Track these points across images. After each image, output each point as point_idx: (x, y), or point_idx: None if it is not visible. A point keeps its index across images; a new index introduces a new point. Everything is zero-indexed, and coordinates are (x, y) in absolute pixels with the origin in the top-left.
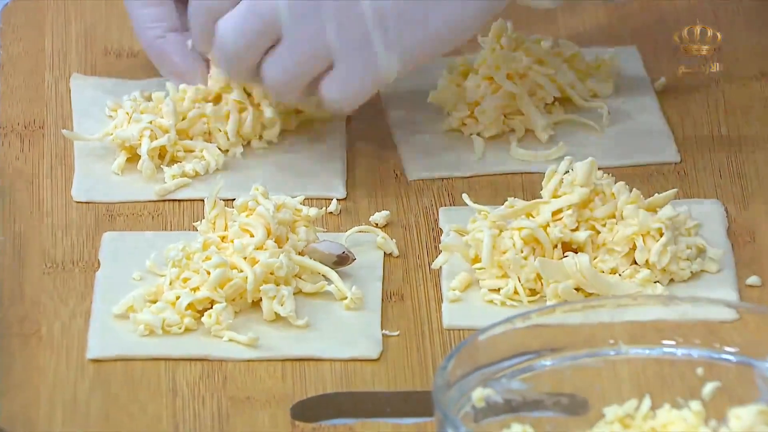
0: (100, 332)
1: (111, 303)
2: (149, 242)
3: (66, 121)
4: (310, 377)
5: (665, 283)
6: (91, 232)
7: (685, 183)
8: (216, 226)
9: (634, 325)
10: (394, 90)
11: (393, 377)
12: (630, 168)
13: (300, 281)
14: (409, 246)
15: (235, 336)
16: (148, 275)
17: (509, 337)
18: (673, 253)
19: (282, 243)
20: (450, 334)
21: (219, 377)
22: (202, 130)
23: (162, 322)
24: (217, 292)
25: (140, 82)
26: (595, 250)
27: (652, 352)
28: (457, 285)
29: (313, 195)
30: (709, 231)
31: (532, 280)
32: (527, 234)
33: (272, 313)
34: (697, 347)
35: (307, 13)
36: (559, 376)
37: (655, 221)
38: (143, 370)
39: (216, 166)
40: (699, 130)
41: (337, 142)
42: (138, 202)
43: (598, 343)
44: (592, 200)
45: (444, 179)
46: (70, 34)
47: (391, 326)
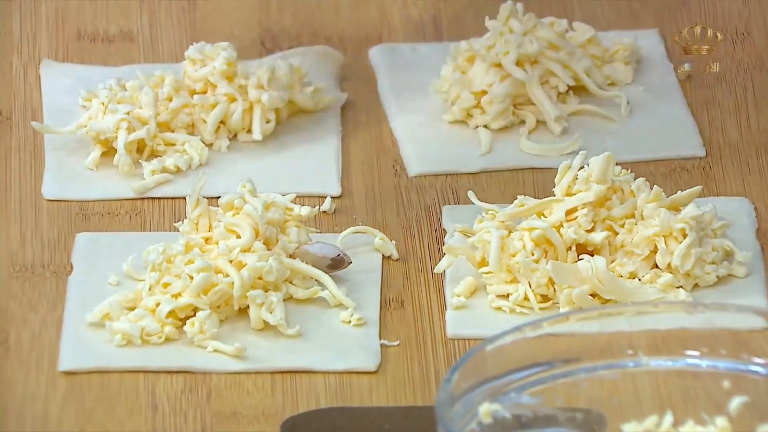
0: (73, 342)
1: (85, 310)
2: (126, 244)
3: (35, 113)
4: (302, 391)
5: (689, 289)
6: (64, 233)
7: (711, 179)
8: (199, 226)
9: (655, 335)
10: (394, 78)
11: (392, 391)
12: (651, 163)
13: (291, 286)
14: (410, 248)
15: (220, 346)
16: (125, 280)
17: (519, 347)
18: (698, 256)
19: (271, 245)
20: (454, 344)
21: (203, 391)
22: (185, 122)
23: (140, 331)
24: (201, 298)
25: (117, 69)
26: (612, 253)
27: (675, 364)
28: (462, 291)
29: (305, 192)
30: (737, 232)
31: (543, 286)
32: (539, 235)
33: (261, 321)
34: (724, 358)
35: None
36: (573, 389)
37: (678, 221)
38: (120, 383)
39: (199, 161)
40: (726, 121)
41: (332, 135)
42: (114, 200)
43: (615, 353)
44: (610, 198)
45: (448, 175)
46: (39, 15)
47: (390, 336)
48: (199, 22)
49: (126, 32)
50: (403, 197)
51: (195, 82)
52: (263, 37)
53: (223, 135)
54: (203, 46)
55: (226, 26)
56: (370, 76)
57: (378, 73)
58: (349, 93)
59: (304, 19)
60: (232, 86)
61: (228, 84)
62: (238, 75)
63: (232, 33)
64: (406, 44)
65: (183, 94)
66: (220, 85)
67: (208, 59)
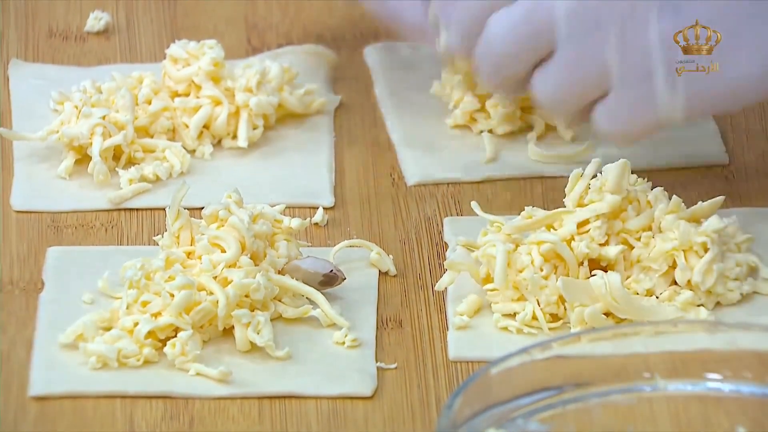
0: (45, 365)
1: (57, 330)
2: (102, 259)
3: (3, 117)
4: (292, 418)
5: (710, 307)
6: (34, 247)
7: (735, 189)
8: (180, 239)
9: (674, 357)
10: (391, 80)
11: (389, 418)
12: (669, 171)
13: (280, 305)
14: (409, 263)
15: (203, 369)
16: (100, 298)
17: (526, 370)
18: (720, 272)
19: (259, 260)
20: (457, 367)
21: (184, 418)
22: (165, 127)
23: (117, 353)
24: (183, 317)
25: (91, 70)
26: (627, 268)
27: (695, 388)
28: (465, 309)
29: (295, 203)
30: (763, 246)
31: (553, 304)
32: (548, 249)
33: (247, 342)
34: (748, 382)
35: (587, 28)
36: (585, 416)
37: (699, 234)
38: (95, 409)
39: (181, 169)
40: (750, 125)
41: (324, 140)
42: (89, 211)
43: (631, 377)
44: (625, 209)
45: (449, 184)
46: (7, 10)
47: (387, 358)
48: (180, 18)
49: (101, 29)
50: (401, 208)
51: (177, 83)
52: (249, 34)
53: (206, 141)
54: (187, 44)
55: (209, 23)
56: (366, 78)
57: (374, 74)
58: (343, 95)
59: (294, 16)
60: (218, 88)
61: (214, 86)
62: (224, 77)
63: (216, 30)
64: (404, 43)
65: (163, 96)
66: (205, 86)
67: (192, 58)
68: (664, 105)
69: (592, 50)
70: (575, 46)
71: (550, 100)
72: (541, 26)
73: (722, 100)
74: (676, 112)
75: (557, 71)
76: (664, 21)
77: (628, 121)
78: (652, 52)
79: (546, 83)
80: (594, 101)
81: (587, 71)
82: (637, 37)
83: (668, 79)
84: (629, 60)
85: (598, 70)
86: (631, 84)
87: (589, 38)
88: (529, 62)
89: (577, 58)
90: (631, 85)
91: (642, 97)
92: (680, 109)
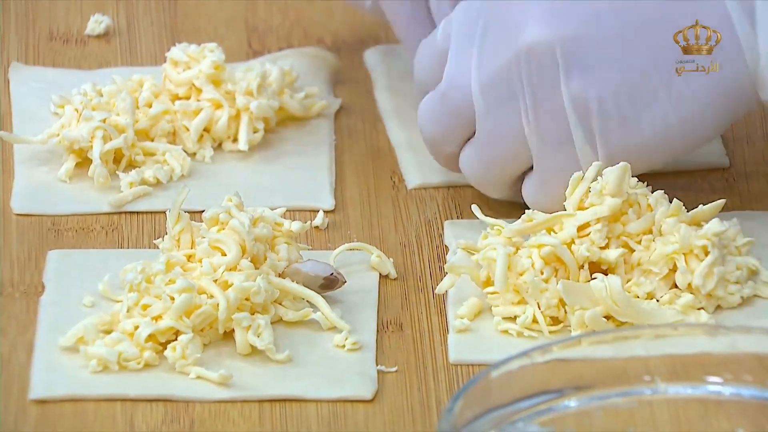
0: (45, 368)
1: (57, 333)
2: (102, 262)
3: (3, 120)
4: (292, 421)
5: (711, 311)
6: (34, 250)
7: (735, 192)
8: (181, 243)
9: (674, 360)
10: (392, 83)
11: (390, 421)
12: (670, 174)
13: (280, 308)
14: (409, 266)
15: (203, 373)
16: (101, 301)
17: (527, 373)
18: (721, 275)
19: (259, 263)
20: (457, 370)
21: (185, 421)
22: (166, 130)
23: (118, 356)
24: (183, 321)
25: (92, 73)
26: (628, 272)
27: (695, 391)
28: (465, 312)
29: (295, 206)
30: (763, 249)
31: (553, 307)
32: (548, 252)
33: (247, 345)
34: (749, 385)
35: (501, 103)
36: (585, 419)
37: (700, 237)
38: (96, 412)
39: (181, 172)
40: (751, 129)
41: (324, 143)
42: (89, 214)
43: (631, 380)
44: (625, 212)
45: (450, 187)
46: (7, 13)
47: (387, 361)
48: (181, 21)
49: (101, 33)
50: (402, 211)
51: (178, 86)
52: (250, 37)
53: (206, 144)
54: (187, 47)
55: (210, 26)
56: (366, 80)
57: (374, 76)
58: (343, 98)
59: (295, 18)
60: (219, 92)
61: (214, 89)
62: (225, 80)
63: (216, 33)
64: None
65: (163, 99)
66: (206, 90)
67: (192, 61)
68: (587, 168)
69: (508, 123)
70: (492, 121)
71: (477, 178)
72: (459, 106)
73: (642, 156)
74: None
75: (478, 148)
76: (573, 82)
77: (555, 189)
78: (565, 116)
79: (470, 161)
80: (521, 175)
81: (506, 145)
82: (550, 104)
83: (587, 139)
84: (545, 128)
85: (516, 143)
86: (550, 152)
87: (503, 111)
88: (457, 142)
89: (495, 133)
90: (550, 152)
91: (564, 162)
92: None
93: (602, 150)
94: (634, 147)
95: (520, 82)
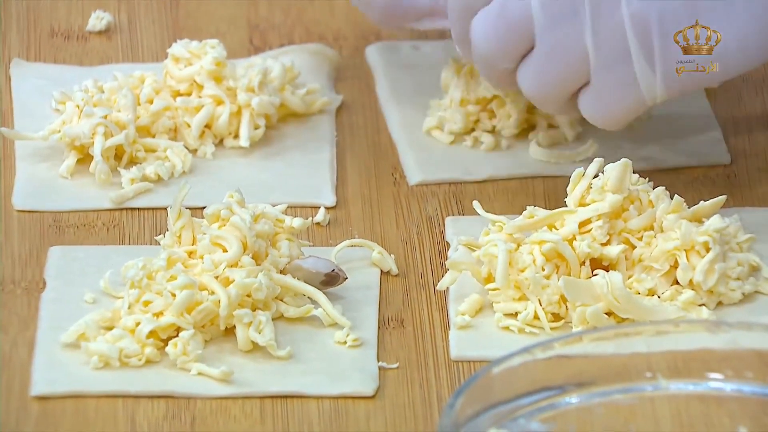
0: (47, 364)
1: (59, 330)
2: (104, 258)
3: (5, 117)
4: (294, 417)
5: (712, 307)
6: (36, 247)
7: (737, 188)
8: (182, 239)
9: (676, 356)
10: (393, 79)
11: (391, 417)
12: (671, 171)
13: (282, 305)
14: (411, 263)
15: (204, 369)
16: (102, 297)
17: (528, 369)
18: (722, 272)
19: (260, 259)
20: (458, 367)
21: (186, 417)
22: (167, 126)
23: (119, 352)
24: (184, 317)
25: (93, 69)
26: (629, 268)
27: (697, 388)
28: (466, 309)
29: (297, 203)
30: (765, 245)
31: (555, 303)
32: (550, 249)
33: (249, 342)
34: (750, 381)
35: (561, 16)
36: (586, 415)
37: (701, 234)
38: (97, 408)
39: (182, 169)
40: (753, 125)
41: (326, 140)
42: (90, 210)
43: (632, 377)
44: (627, 209)
45: (451, 183)
46: (9, 11)
47: (389, 357)
48: (182, 18)
49: (103, 29)
50: (403, 207)
51: (179, 82)
52: (251, 34)
53: (208, 140)
54: (189, 43)
55: (212, 23)
56: (368, 77)
57: (376, 73)
58: (345, 95)
59: (296, 15)
60: (220, 88)
61: (216, 85)
62: (226, 76)
63: (218, 30)
64: (406, 42)
65: (165, 95)
66: (207, 86)
67: (194, 58)
68: (644, 83)
69: (568, 38)
70: (552, 36)
71: (535, 93)
72: (518, 20)
73: (697, 74)
74: (657, 89)
75: (538, 63)
76: (634, 0)
77: (612, 104)
78: (625, 32)
79: (529, 77)
80: (579, 90)
81: (567, 60)
82: (610, 20)
83: (645, 56)
84: (604, 43)
85: (577, 58)
86: (609, 67)
87: (564, 26)
88: (515, 58)
89: (556, 48)
90: (609, 68)
91: (622, 78)
92: (661, 86)
93: (660, 67)
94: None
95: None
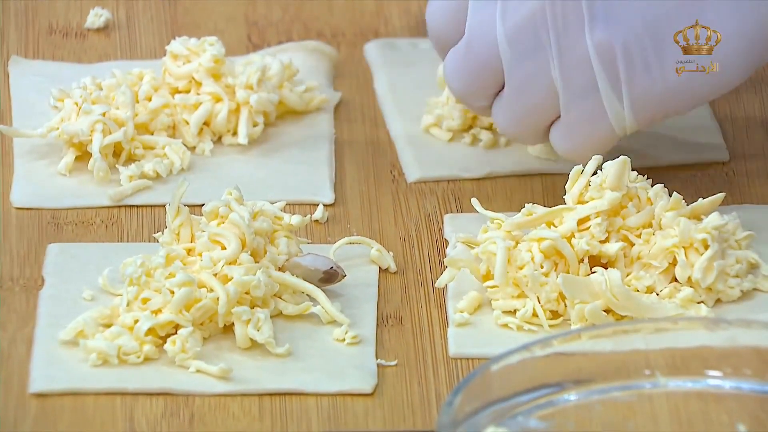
0: (45, 362)
1: (57, 327)
2: (102, 255)
3: (3, 114)
4: (292, 415)
5: (711, 304)
6: (34, 244)
7: (735, 186)
8: (181, 236)
9: (674, 353)
10: (392, 76)
11: (390, 414)
12: (670, 168)
13: (280, 302)
14: (409, 260)
15: (203, 366)
16: (100, 295)
17: (527, 367)
18: (721, 269)
19: (259, 257)
20: (457, 364)
21: (185, 415)
22: (166, 124)
23: (117, 349)
24: (183, 314)
25: (91, 67)
26: (628, 265)
27: (695, 385)
28: (465, 306)
29: (295, 200)
30: (763, 243)
31: (553, 301)
32: (548, 246)
33: (247, 339)
34: (748, 379)
35: (527, 53)
36: (585, 413)
37: (700, 231)
38: (95, 406)
39: (181, 166)
40: (751, 122)
41: (324, 137)
42: (89, 208)
43: (631, 374)
44: (625, 206)
45: (450, 181)
46: (7, 8)
47: (387, 355)
48: (181, 15)
49: (101, 26)
50: (402, 205)
51: (177, 79)
52: (250, 31)
53: (206, 138)
54: (187, 41)
55: (210, 20)
56: (366, 74)
57: (374, 70)
58: (343, 92)
59: (294, 13)
60: (219, 85)
61: (214, 83)
62: (224, 73)
63: (216, 27)
64: (404, 39)
65: (163, 92)
66: (206, 83)
67: (192, 55)
68: (612, 113)
69: (536, 73)
70: (520, 72)
71: (509, 130)
72: (486, 59)
73: (666, 102)
74: (625, 119)
75: (509, 101)
76: (597, 31)
77: (582, 137)
78: (591, 64)
79: (501, 113)
80: (551, 124)
81: (536, 95)
82: (575, 52)
83: (611, 86)
84: (571, 76)
85: (545, 93)
86: (577, 100)
87: (531, 62)
88: (487, 95)
89: (524, 84)
90: (578, 101)
91: (590, 111)
92: (629, 116)
93: (627, 97)
94: (658, 93)
95: (545, 30)
